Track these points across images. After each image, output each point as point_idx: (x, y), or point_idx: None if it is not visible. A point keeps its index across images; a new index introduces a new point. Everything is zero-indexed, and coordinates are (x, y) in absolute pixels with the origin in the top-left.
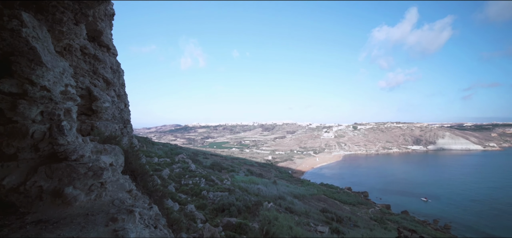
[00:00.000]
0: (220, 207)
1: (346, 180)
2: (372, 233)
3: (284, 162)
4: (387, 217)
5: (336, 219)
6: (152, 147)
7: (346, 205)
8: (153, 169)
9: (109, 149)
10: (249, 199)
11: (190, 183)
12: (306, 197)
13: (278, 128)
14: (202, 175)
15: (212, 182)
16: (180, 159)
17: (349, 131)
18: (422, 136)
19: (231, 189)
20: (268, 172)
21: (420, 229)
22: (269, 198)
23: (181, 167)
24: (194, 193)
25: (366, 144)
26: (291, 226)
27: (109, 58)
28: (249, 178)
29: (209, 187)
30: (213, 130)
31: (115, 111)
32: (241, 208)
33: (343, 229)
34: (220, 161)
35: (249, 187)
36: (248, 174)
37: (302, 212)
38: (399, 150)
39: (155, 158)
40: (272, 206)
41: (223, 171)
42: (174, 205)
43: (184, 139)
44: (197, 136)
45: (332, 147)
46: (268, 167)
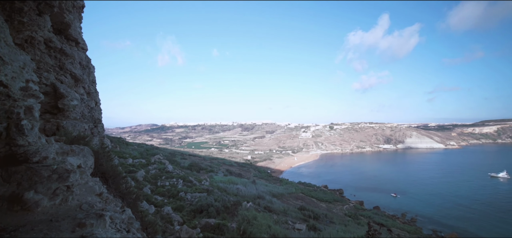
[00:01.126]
0: (198, 208)
1: (323, 178)
2: (347, 229)
3: (263, 162)
4: (360, 212)
5: (313, 216)
6: (126, 147)
7: (322, 203)
8: (127, 171)
9: (77, 150)
10: (228, 199)
11: (167, 185)
12: (285, 196)
13: (257, 127)
14: (179, 176)
15: (190, 183)
16: (157, 159)
17: (326, 130)
18: (392, 135)
19: (210, 189)
20: (247, 172)
21: (390, 223)
22: (248, 198)
23: (157, 168)
24: (171, 195)
25: (341, 143)
26: (270, 224)
27: (77, 53)
28: (228, 178)
29: (187, 188)
30: (192, 130)
31: (84, 110)
32: (219, 208)
33: (320, 226)
34: (199, 161)
35: (228, 187)
36: (227, 174)
37: (281, 211)
38: (371, 149)
39: (130, 159)
40: (251, 205)
41: (202, 171)
42: (150, 207)
43: (160, 139)
44: (174, 136)
45: (310, 147)
46: (247, 166)
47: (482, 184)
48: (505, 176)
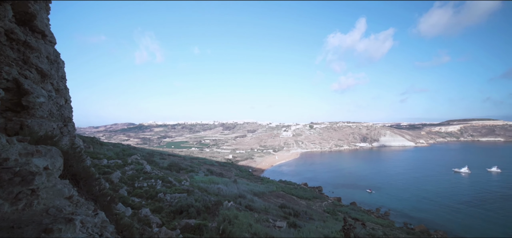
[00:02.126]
0: (178, 209)
1: (303, 176)
2: (325, 224)
3: (245, 161)
4: (338, 208)
5: (294, 213)
6: (100, 147)
7: (302, 200)
8: (102, 172)
9: (43, 151)
10: (208, 199)
11: (145, 186)
12: (266, 194)
13: (239, 126)
14: (158, 177)
15: (169, 184)
16: (134, 160)
17: (306, 129)
18: (368, 134)
19: (190, 189)
20: (228, 171)
21: (365, 218)
22: (229, 197)
23: (134, 168)
24: (150, 196)
25: (321, 142)
26: (251, 223)
27: (44, 46)
28: (209, 178)
29: (166, 189)
30: (171, 129)
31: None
32: (200, 208)
33: (300, 223)
34: (179, 161)
35: (209, 187)
36: (208, 173)
37: (262, 209)
38: (349, 147)
39: (104, 159)
40: (232, 205)
41: (182, 171)
42: (126, 210)
43: (138, 138)
44: (153, 135)
45: (291, 145)
46: (228, 166)
47: (446, 178)
48: (466, 171)
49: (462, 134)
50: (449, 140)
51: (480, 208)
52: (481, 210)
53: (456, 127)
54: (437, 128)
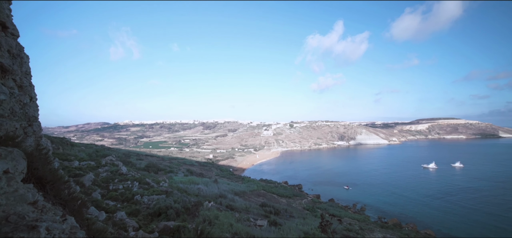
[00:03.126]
0: (156, 211)
1: (283, 174)
2: (305, 222)
3: (226, 160)
4: (318, 205)
5: (274, 212)
6: (71, 149)
7: (283, 198)
8: (72, 175)
9: (3, 153)
10: (188, 200)
11: (121, 188)
12: (247, 193)
13: (219, 126)
14: (135, 178)
15: (147, 185)
16: (108, 161)
17: (286, 128)
18: (345, 133)
19: (169, 191)
20: (209, 171)
21: (343, 213)
22: (210, 197)
23: (109, 170)
24: (126, 199)
25: (300, 140)
26: (232, 223)
27: (6, 39)
28: (188, 178)
29: (144, 191)
30: (149, 129)
31: (15, 106)
32: (179, 210)
33: (280, 221)
34: (157, 161)
35: (188, 188)
36: (188, 174)
37: (243, 208)
38: (327, 146)
39: (75, 161)
40: (213, 205)
41: (160, 172)
42: (100, 214)
43: (113, 139)
44: (129, 135)
45: (271, 144)
46: (209, 166)
47: (416, 174)
48: (433, 166)
49: (430, 132)
50: (419, 137)
51: (443, 201)
52: (444, 203)
53: (425, 125)
54: (408, 126)
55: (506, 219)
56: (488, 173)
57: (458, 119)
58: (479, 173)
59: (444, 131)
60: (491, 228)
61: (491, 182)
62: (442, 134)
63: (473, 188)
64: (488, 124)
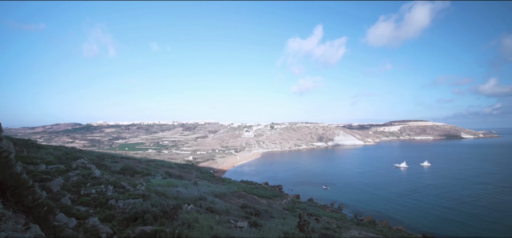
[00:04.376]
0: (132, 216)
1: (264, 175)
2: (285, 222)
3: (206, 162)
4: (297, 205)
5: (255, 213)
6: (37, 151)
7: (263, 199)
8: (38, 179)
9: None
10: (166, 203)
11: (93, 192)
12: (227, 195)
13: (200, 127)
14: (109, 182)
15: (122, 189)
16: (80, 164)
17: (267, 130)
18: (324, 134)
19: (146, 194)
20: (188, 173)
21: (321, 213)
22: (189, 200)
23: (80, 174)
24: (99, 204)
25: (281, 142)
26: (212, 225)
27: None
28: (167, 181)
29: (119, 195)
30: (125, 130)
31: None
32: (157, 214)
33: (261, 222)
34: (133, 164)
35: (167, 191)
36: (167, 176)
37: (223, 210)
38: (307, 147)
39: (42, 165)
40: (193, 207)
41: (137, 175)
42: (70, 220)
43: (85, 140)
44: (103, 137)
45: (252, 145)
46: (188, 167)
47: (388, 173)
48: (404, 166)
49: (402, 133)
50: (391, 138)
51: (412, 198)
52: (413, 200)
53: (397, 127)
54: (382, 128)
55: (463, 213)
56: (451, 171)
57: (426, 121)
58: (443, 171)
59: (414, 132)
60: (450, 221)
61: (453, 179)
62: (412, 135)
63: (437, 185)
64: (452, 126)
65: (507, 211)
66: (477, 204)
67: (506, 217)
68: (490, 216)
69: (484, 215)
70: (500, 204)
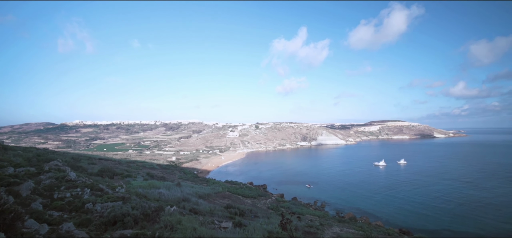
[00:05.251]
0: (111, 220)
1: (249, 175)
2: (269, 221)
3: (190, 162)
4: (281, 204)
5: (239, 213)
6: (3, 153)
7: (248, 199)
8: (5, 183)
9: None
10: (148, 206)
11: (68, 196)
12: (211, 196)
13: (183, 127)
14: (86, 185)
15: (100, 192)
16: (53, 166)
17: (252, 130)
18: (308, 134)
19: (126, 196)
20: (171, 174)
21: (305, 211)
22: (172, 202)
23: (53, 176)
24: (74, 208)
25: (266, 141)
26: (195, 227)
27: None
28: (148, 183)
29: (96, 198)
30: (104, 130)
31: None
32: (138, 217)
33: (245, 222)
34: (112, 165)
35: (148, 193)
36: (148, 178)
37: (207, 211)
38: (291, 146)
39: (10, 167)
40: (175, 209)
41: (116, 177)
42: (41, 226)
43: (59, 141)
44: (79, 137)
45: (237, 145)
46: (171, 168)
47: (368, 171)
48: (383, 164)
49: (380, 133)
50: (371, 138)
51: (390, 195)
52: (391, 196)
53: (376, 127)
54: (362, 128)
55: (433, 207)
56: (424, 168)
57: (403, 121)
58: (417, 169)
59: (391, 132)
60: (421, 215)
61: (425, 176)
62: (390, 135)
63: (412, 182)
64: (426, 126)
65: (469, 204)
66: (445, 198)
67: (469, 210)
68: (456, 209)
69: (451, 209)
70: (464, 198)
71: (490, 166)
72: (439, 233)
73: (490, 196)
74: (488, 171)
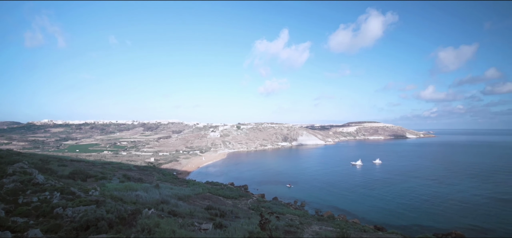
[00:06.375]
0: (83, 225)
1: (230, 176)
2: (250, 221)
3: (169, 163)
4: (262, 204)
5: (220, 214)
6: None
7: (229, 199)
8: None
9: None
10: (124, 209)
11: (35, 201)
12: (192, 197)
13: (163, 127)
14: (55, 188)
15: (72, 195)
16: (17, 169)
17: (233, 130)
18: (289, 134)
19: (101, 200)
20: (149, 176)
21: (285, 210)
22: (150, 204)
23: (18, 180)
24: (42, 213)
25: (247, 142)
26: (174, 229)
27: None
28: (125, 185)
29: (67, 202)
30: (76, 130)
31: None
32: (113, 220)
33: (226, 223)
34: (85, 167)
35: (125, 195)
36: (125, 180)
37: (187, 213)
38: (272, 146)
39: None
40: (154, 212)
41: (90, 179)
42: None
43: (25, 141)
44: (49, 138)
45: (218, 146)
46: (149, 170)
47: (346, 170)
48: (360, 163)
49: (357, 134)
50: (349, 138)
51: (365, 193)
52: (366, 195)
53: (354, 128)
54: (341, 128)
55: (403, 204)
56: (397, 167)
57: (378, 122)
58: (391, 168)
59: (368, 132)
60: (393, 212)
61: (398, 174)
62: (367, 135)
63: (386, 180)
64: (399, 127)
65: (434, 200)
66: (414, 195)
67: (434, 206)
68: (423, 205)
69: (418, 205)
70: (430, 194)
71: (454, 164)
72: (409, 228)
73: (452, 192)
74: (452, 169)
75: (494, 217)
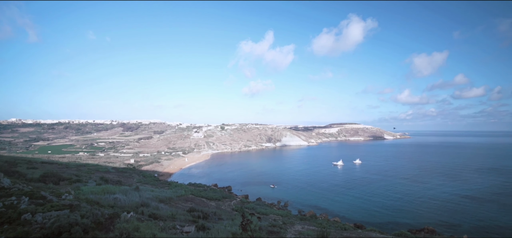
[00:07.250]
0: (55, 231)
1: (213, 177)
2: (233, 223)
3: (150, 165)
4: (246, 205)
5: (203, 216)
6: None
7: (212, 201)
8: None
9: None
10: (101, 213)
11: (0, 206)
12: (173, 200)
13: (144, 127)
14: (23, 192)
15: (42, 199)
16: None
17: (217, 131)
18: (273, 135)
19: (75, 204)
20: (129, 178)
21: (268, 210)
22: (129, 207)
23: None
24: (7, 220)
25: (231, 143)
26: (155, 233)
27: None
28: (102, 188)
29: (37, 207)
30: (48, 130)
31: None
32: (88, 226)
33: (209, 225)
34: (58, 169)
35: (102, 199)
36: (102, 182)
37: (168, 216)
38: (256, 147)
39: None
40: (133, 215)
41: (63, 182)
42: None
43: None
44: (17, 138)
45: (202, 147)
46: (129, 172)
47: (327, 170)
48: (341, 164)
49: (339, 135)
50: (331, 139)
51: (345, 193)
52: (346, 194)
53: (335, 129)
54: (323, 130)
55: (379, 202)
56: (375, 167)
57: (358, 124)
58: (370, 168)
59: (349, 133)
60: (372, 211)
61: (376, 174)
62: (348, 136)
63: (365, 180)
64: (378, 128)
65: (408, 198)
66: (389, 194)
67: (407, 203)
68: (397, 203)
69: (394, 202)
70: (404, 192)
71: (426, 164)
72: (386, 225)
73: (423, 190)
74: (424, 168)
75: (460, 213)
